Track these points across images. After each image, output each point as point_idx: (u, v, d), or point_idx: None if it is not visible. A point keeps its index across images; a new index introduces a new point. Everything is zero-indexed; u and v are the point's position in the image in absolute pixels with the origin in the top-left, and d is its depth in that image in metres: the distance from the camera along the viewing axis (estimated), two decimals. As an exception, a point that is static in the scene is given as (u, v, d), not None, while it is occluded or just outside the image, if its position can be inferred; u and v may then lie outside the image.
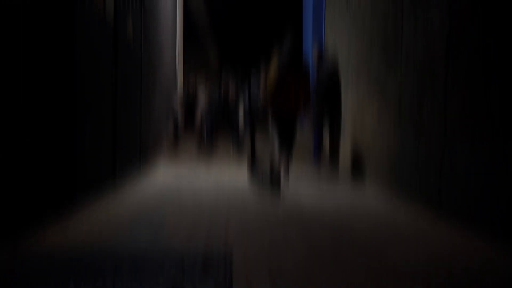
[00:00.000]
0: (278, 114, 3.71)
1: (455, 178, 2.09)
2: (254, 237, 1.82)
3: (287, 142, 3.81)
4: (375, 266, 1.47)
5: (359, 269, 1.44)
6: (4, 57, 1.52)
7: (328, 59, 4.35)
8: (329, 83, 4.19)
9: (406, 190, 2.65)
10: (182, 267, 1.40)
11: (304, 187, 3.22)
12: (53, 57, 1.92)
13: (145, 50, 3.70)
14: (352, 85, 3.90)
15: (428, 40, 2.39)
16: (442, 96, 2.22)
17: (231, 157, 4.84)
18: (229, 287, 1.25)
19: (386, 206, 2.52)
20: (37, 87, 1.77)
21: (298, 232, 1.90)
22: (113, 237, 1.77)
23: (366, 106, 3.48)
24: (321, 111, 4.27)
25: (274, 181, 3.02)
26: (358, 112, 3.70)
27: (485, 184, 1.84)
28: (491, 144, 1.80)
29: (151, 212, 2.25)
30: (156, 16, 4.27)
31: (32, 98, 1.73)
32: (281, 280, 1.33)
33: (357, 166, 3.74)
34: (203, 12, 9.96)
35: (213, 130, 5.07)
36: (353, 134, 3.87)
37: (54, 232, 1.84)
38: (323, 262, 1.51)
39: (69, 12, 2.07)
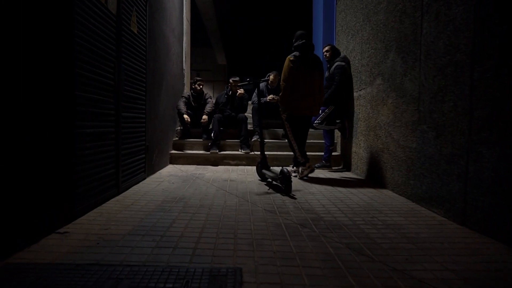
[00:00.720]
0: (292, 114, 3.57)
1: (482, 183, 1.92)
2: (265, 248, 1.68)
3: (300, 142, 3.67)
4: (400, 283, 1.32)
5: (381, 286, 1.30)
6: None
7: (340, 57, 4.20)
8: (341, 82, 4.05)
9: (426, 196, 2.49)
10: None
11: (316, 189, 3.07)
12: (50, 52, 1.81)
13: (150, 46, 3.59)
14: (365, 84, 3.74)
15: (451, 36, 2.23)
16: (468, 93, 2.05)
17: (239, 158, 4.72)
18: None
19: (405, 213, 2.36)
20: (31, 85, 1.66)
21: (312, 242, 1.76)
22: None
23: (381, 105, 3.32)
24: (332, 111, 4.14)
25: (284, 183, 2.88)
26: (372, 111, 3.54)
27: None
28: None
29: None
30: (162, 9, 4.16)
31: (25, 97, 1.62)
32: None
33: (371, 168, 3.58)
34: (211, 8, 9.86)
35: (221, 130, 4.95)
36: (366, 134, 3.72)
37: (49, 242, 1.73)
38: (341, 277, 1.37)
39: (68, 4, 1.95)
